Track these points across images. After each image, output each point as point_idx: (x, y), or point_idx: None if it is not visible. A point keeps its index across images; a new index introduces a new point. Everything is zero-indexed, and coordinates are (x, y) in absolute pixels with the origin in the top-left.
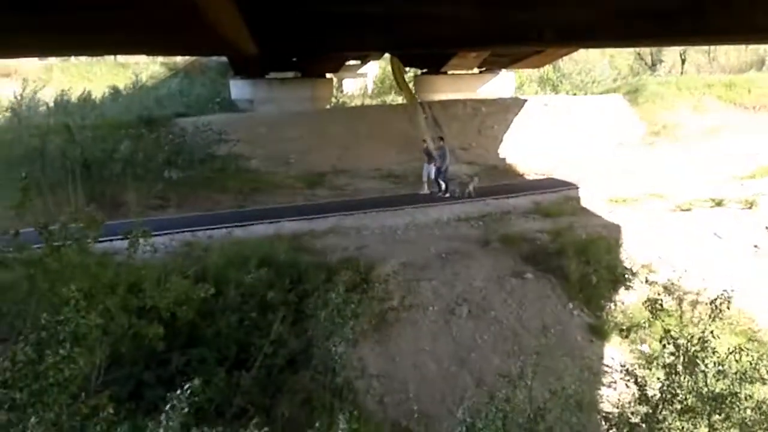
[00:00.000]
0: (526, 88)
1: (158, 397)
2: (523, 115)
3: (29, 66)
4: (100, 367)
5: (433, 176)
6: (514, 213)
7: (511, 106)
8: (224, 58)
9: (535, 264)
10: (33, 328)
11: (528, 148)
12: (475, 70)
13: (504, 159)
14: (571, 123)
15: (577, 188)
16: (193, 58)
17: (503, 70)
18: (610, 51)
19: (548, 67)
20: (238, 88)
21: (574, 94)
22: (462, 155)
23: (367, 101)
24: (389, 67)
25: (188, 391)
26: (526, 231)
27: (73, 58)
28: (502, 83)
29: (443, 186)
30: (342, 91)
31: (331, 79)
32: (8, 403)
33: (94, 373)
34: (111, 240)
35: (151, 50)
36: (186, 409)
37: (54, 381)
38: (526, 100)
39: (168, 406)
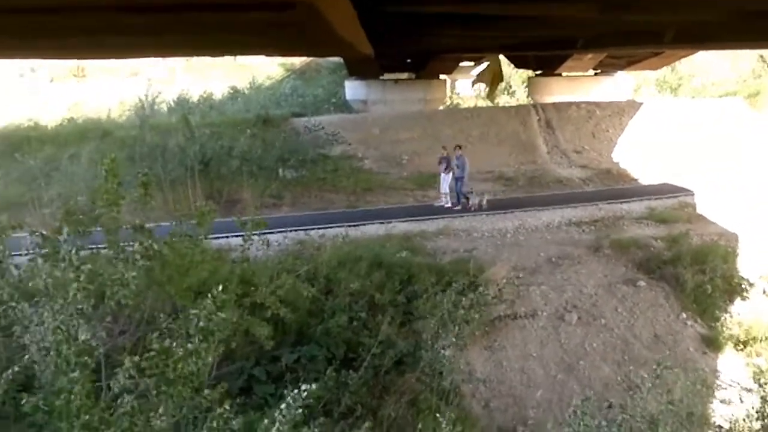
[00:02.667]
0: (643, 91)
1: (267, 393)
2: (639, 119)
3: (154, 66)
4: (213, 362)
5: (447, 187)
6: (627, 218)
7: (626, 109)
8: (340, 59)
9: (648, 271)
10: (150, 320)
11: (643, 153)
12: (591, 72)
13: (618, 163)
14: (688, 128)
15: (693, 194)
16: (310, 59)
17: (619, 72)
18: (730, 53)
19: (666, 70)
20: (353, 89)
21: (693, 97)
22: (575, 159)
23: (480, 103)
24: (503, 69)
25: (305, 393)
26: (640, 237)
27: (194, 59)
28: (618, 85)
29: (457, 197)
30: (456, 93)
31: (445, 80)
32: (135, 391)
33: (207, 368)
34: (227, 236)
35: (270, 51)
36: (299, 410)
37: (180, 374)
38: (642, 103)
39: (284, 405)
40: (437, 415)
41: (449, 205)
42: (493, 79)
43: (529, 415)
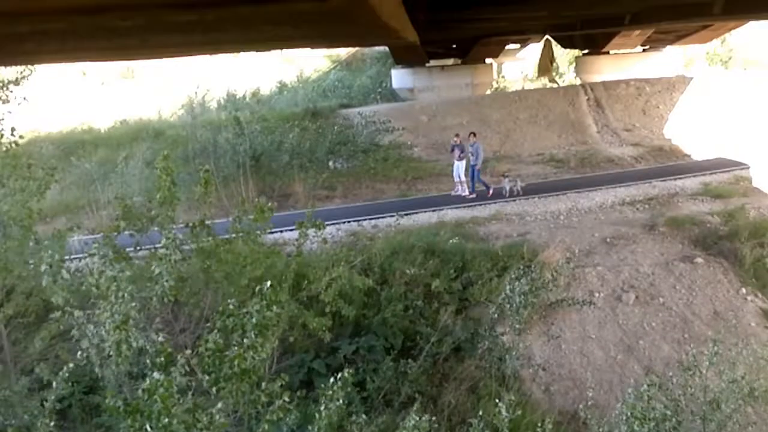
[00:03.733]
0: (693, 65)
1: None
2: (690, 93)
3: (201, 63)
4: (273, 355)
5: (462, 175)
6: (682, 195)
7: (676, 85)
8: (385, 48)
9: (705, 248)
10: (209, 317)
11: (695, 128)
12: (639, 49)
13: (670, 139)
14: (741, 100)
15: (749, 168)
16: (355, 49)
17: (668, 47)
18: None
19: (716, 43)
20: (399, 78)
21: (744, 69)
22: (626, 137)
23: (528, 85)
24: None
25: (340, 382)
26: (695, 213)
27: (242, 56)
28: (667, 61)
29: (473, 185)
30: (502, 76)
31: (491, 64)
32: (194, 388)
33: (267, 362)
34: (281, 231)
35: (316, 43)
36: (340, 401)
37: (238, 369)
38: (692, 78)
39: (323, 397)
40: (497, 400)
41: (465, 193)
42: (548, 60)
43: (590, 398)
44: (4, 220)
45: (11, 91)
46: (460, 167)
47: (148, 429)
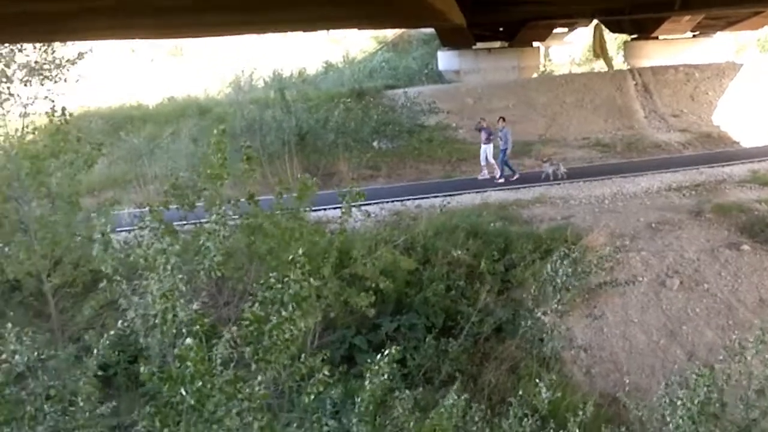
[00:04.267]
0: (744, 52)
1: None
2: (740, 80)
3: (249, 43)
4: (315, 330)
5: (491, 158)
6: (729, 182)
7: (726, 71)
8: (432, 30)
9: (752, 235)
10: (252, 292)
11: (745, 114)
12: (688, 34)
13: (718, 126)
14: None
15: None
16: (401, 31)
17: (718, 33)
18: None
19: None
20: (445, 60)
21: None
22: (673, 123)
23: (575, 69)
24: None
25: (386, 358)
26: (742, 200)
27: (289, 35)
28: (717, 47)
29: (502, 170)
30: (549, 60)
31: (538, 47)
32: (234, 360)
33: (309, 337)
34: (324, 209)
35: (363, 24)
36: (385, 376)
37: (276, 340)
38: (742, 64)
39: (368, 372)
40: (537, 380)
41: (494, 176)
42: (599, 39)
43: (631, 381)
44: (53, 193)
45: (68, 70)
46: (487, 150)
47: (184, 393)
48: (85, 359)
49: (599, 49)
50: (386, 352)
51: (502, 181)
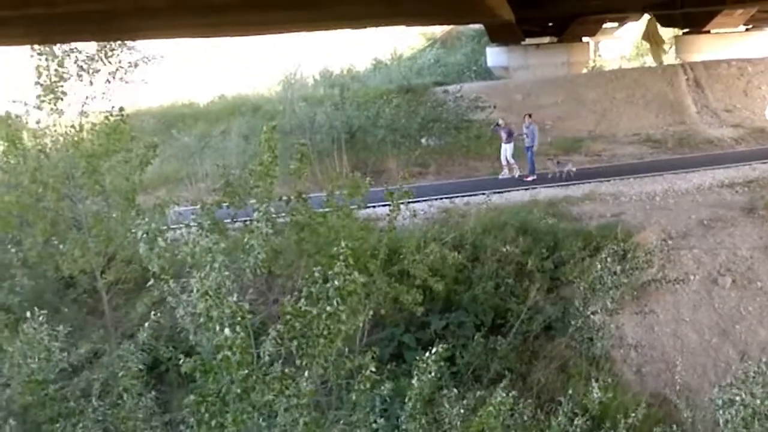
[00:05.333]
0: None
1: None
2: None
3: (297, 40)
4: (364, 328)
5: (510, 158)
6: None
7: None
8: (480, 27)
9: None
10: (301, 289)
11: None
12: (741, 28)
13: None
14: None
15: None
16: (450, 27)
17: None
18: None
19: None
20: (494, 56)
21: None
22: (726, 118)
23: (625, 64)
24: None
25: (434, 356)
26: None
27: (337, 33)
28: None
29: (530, 168)
30: (599, 55)
31: (587, 43)
32: (282, 358)
33: (358, 334)
34: (374, 206)
35: (411, 20)
36: (433, 373)
37: (319, 333)
38: None
39: (416, 370)
40: (592, 380)
41: (515, 175)
42: (653, 33)
43: (682, 381)
44: (108, 191)
45: (133, 71)
46: (507, 150)
47: (230, 382)
48: (126, 355)
49: (655, 42)
50: (433, 350)
51: (533, 178)
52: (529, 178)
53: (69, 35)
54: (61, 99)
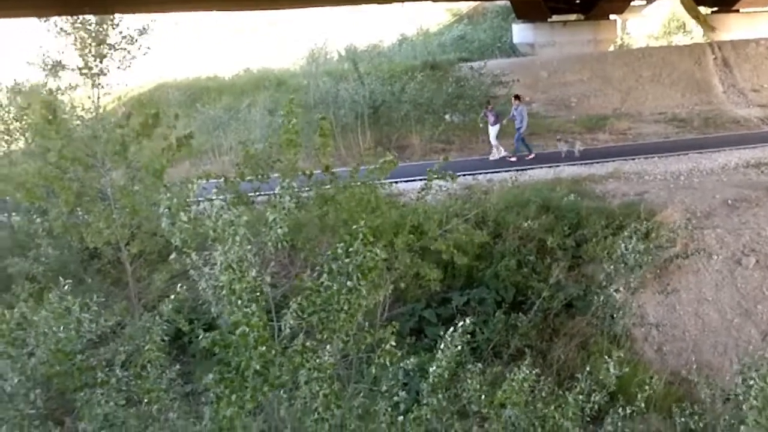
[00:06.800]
0: None
1: (437, 335)
2: None
3: (324, 16)
4: (385, 303)
5: (493, 140)
6: None
7: None
8: (506, 3)
9: None
10: (323, 262)
11: None
12: None
13: None
14: None
15: None
16: (476, 3)
17: None
18: None
19: None
20: (520, 33)
21: None
22: (753, 98)
23: (652, 43)
24: (676, 8)
25: (460, 329)
26: None
27: (363, 8)
28: None
29: (517, 148)
30: (626, 33)
31: (615, 20)
32: (303, 330)
33: (379, 309)
34: (396, 182)
35: None
36: (459, 346)
37: (339, 308)
38: None
39: (441, 344)
40: (606, 357)
41: (499, 156)
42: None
43: (704, 360)
44: (133, 163)
45: (136, 41)
46: (492, 132)
47: (249, 358)
48: (151, 326)
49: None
50: (459, 324)
51: (514, 159)
52: (512, 159)
53: (83, 8)
54: (105, 74)
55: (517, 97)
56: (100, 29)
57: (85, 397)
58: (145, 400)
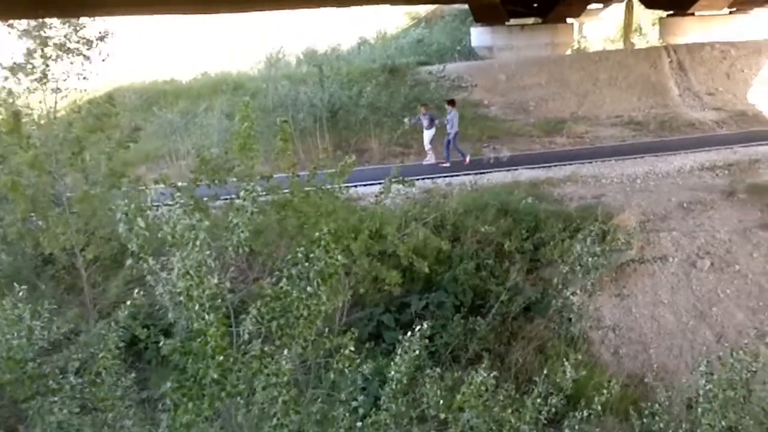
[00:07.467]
0: None
1: (396, 339)
2: None
3: (283, 20)
4: (343, 308)
5: (427, 144)
6: (764, 161)
7: (764, 49)
8: (465, 6)
9: None
10: (282, 267)
11: None
12: (725, 11)
13: (754, 105)
14: None
15: None
16: (434, 7)
17: (755, 10)
18: None
19: None
20: (478, 36)
21: None
22: (708, 101)
23: (609, 46)
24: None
25: (418, 334)
26: None
27: (322, 11)
28: (754, 24)
29: (447, 154)
30: (583, 36)
31: (572, 24)
32: (262, 336)
33: (337, 314)
34: (355, 186)
35: (397, 0)
36: (417, 351)
37: (299, 314)
38: None
39: (400, 349)
40: (564, 360)
41: (434, 161)
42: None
43: (659, 362)
44: (88, 168)
45: (97, 47)
46: (427, 136)
47: (207, 368)
48: (105, 333)
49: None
50: (417, 328)
51: (447, 165)
52: (445, 164)
53: (45, 12)
54: (46, 80)
55: (450, 102)
56: (65, 35)
57: (37, 405)
58: (101, 408)
